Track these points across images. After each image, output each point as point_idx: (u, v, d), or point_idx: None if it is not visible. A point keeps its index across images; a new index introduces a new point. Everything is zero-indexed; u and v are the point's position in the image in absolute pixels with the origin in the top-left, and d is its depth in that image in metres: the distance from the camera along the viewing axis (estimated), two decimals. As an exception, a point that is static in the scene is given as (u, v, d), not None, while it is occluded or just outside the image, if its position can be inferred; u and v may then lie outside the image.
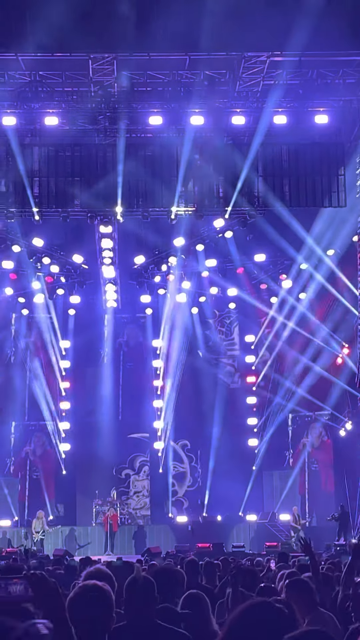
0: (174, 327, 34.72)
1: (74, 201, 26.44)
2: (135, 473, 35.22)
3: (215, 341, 36.22)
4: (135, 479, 35.20)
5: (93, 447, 34.89)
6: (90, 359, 35.95)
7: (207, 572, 11.46)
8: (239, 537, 31.58)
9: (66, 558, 20.95)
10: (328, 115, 25.67)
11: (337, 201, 26.44)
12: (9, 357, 35.27)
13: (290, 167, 26.42)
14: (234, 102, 25.59)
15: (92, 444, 34.91)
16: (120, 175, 25.78)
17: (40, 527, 30.65)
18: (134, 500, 34.95)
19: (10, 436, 35.07)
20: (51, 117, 25.40)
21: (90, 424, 35.32)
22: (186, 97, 25.20)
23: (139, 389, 35.54)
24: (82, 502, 34.44)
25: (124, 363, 36.02)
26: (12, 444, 35.02)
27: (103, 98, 25.45)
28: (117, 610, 6.10)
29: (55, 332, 34.82)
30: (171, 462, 34.62)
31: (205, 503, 33.89)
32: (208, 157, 26.27)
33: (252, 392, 35.36)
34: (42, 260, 30.75)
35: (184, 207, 26.77)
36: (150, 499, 35.06)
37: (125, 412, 35.58)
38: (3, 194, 26.37)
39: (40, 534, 30.46)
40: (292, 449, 34.97)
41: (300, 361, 33.75)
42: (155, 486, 34.80)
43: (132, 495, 34.97)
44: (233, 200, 26.29)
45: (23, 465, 34.70)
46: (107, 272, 31.56)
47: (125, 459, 35.20)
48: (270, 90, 25.16)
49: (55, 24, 21.98)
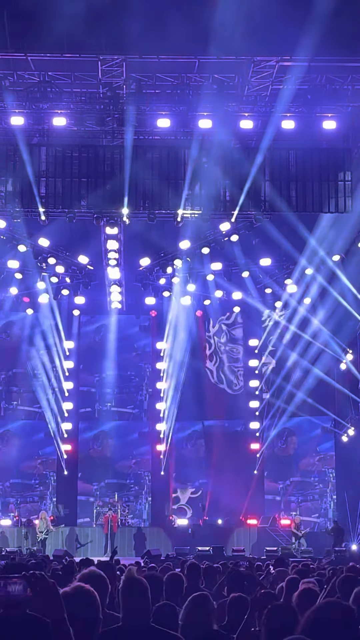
0: (178, 329, 34.71)
1: (81, 202, 26.46)
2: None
3: (219, 345, 36.19)
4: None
5: (95, 448, 34.95)
6: (94, 360, 35.95)
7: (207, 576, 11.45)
8: (239, 541, 31.52)
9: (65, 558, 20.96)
10: (336, 121, 25.71)
11: (343, 206, 26.43)
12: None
13: (298, 171, 26.43)
14: (243, 106, 25.63)
15: (93, 445, 34.97)
16: (127, 177, 25.80)
17: (45, 527, 30.66)
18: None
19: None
20: (59, 117, 25.45)
21: (92, 424, 35.38)
22: (194, 100, 25.25)
23: (142, 391, 35.53)
24: (83, 503, 34.48)
25: (127, 364, 36.00)
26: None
27: (111, 100, 25.49)
28: (111, 612, 6.11)
29: (59, 333, 34.83)
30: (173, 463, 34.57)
31: (206, 506, 33.87)
32: (215, 161, 26.27)
33: (254, 396, 35.34)
34: (48, 260, 30.74)
35: (190, 209, 26.78)
36: (151, 501, 35.04)
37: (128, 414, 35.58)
38: (10, 194, 26.39)
39: (44, 533, 30.47)
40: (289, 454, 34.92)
41: (303, 366, 33.75)
42: (156, 489, 34.77)
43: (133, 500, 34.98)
44: (240, 204, 26.29)
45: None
46: (112, 274, 31.58)
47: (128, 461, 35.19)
48: (278, 95, 25.20)
49: (66, 25, 22.04)
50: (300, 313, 33.25)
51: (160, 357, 35.39)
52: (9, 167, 26.25)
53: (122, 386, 35.82)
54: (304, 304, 32.86)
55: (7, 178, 26.35)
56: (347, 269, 30.09)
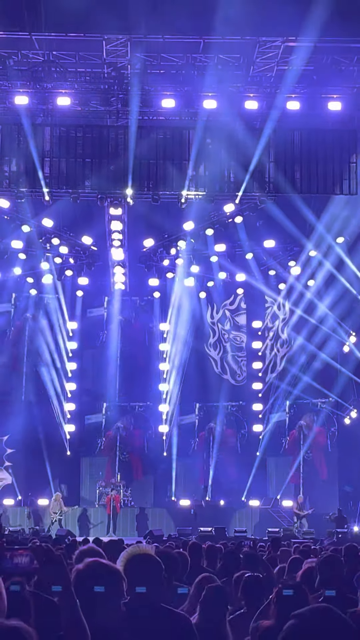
0: (182, 311, 34.71)
1: (85, 182, 26.41)
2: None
3: (223, 332, 36.18)
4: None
5: (98, 429, 35.04)
6: (97, 341, 35.98)
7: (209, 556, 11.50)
8: (242, 522, 31.61)
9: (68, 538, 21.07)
10: (341, 102, 25.60)
11: (348, 189, 26.36)
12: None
13: (302, 153, 26.34)
14: (248, 86, 25.52)
15: (96, 426, 35.08)
16: (131, 157, 25.73)
17: (58, 508, 30.82)
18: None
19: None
20: (64, 97, 25.37)
21: (95, 405, 35.46)
22: (199, 80, 25.15)
23: (145, 372, 35.56)
24: (86, 484, 34.58)
25: (130, 345, 36.01)
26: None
27: (116, 79, 25.41)
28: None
29: (62, 313, 34.84)
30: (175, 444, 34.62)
31: (208, 487, 33.97)
32: (220, 142, 26.18)
33: (258, 377, 35.36)
34: (52, 241, 30.71)
35: (195, 191, 26.71)
36: (153, 482, 35.13)
37: (132, 395, 35.64)
38: (14, 174, 26.34)
39: (58, 514, 30.64)
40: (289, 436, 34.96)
41: (306, 348, 33.75)
42: (159, 469, 34.84)
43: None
44: (244, 186, 26.23)
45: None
46: (116, 255, 31.53)
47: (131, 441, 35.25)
48: (284, 76, 25.10)
49: (70, 4, 21.93)
50: (304, 295, 33.22)
51: (163, 339, 35.41)
52: (13, 147, 26.17)
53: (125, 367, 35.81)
54: (309, 286, 32.83)
55: (11, 158, 26.28)
56: (353, 251, 30.02)
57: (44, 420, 33.58)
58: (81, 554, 5.86)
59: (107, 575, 4.55)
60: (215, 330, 36.21)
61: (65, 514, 31.07)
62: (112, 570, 4.65)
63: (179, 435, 34.82)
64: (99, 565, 4.66)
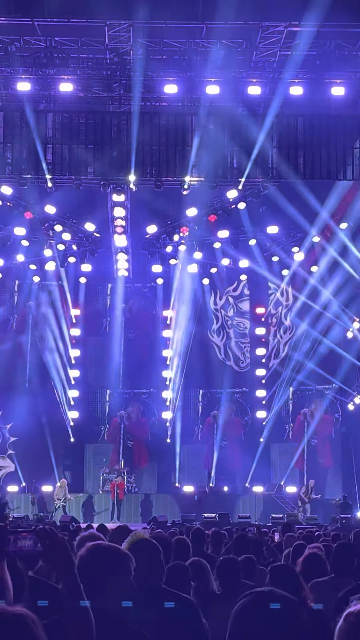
0: (184, 297, 34.69)
1: (87, 169, 26.34)
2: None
3: (226, 312, 36.17)
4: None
5: (102, 415, 35.10)
6: (100, 328, 36.00)
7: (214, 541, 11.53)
8: (245, 508, 31.68)
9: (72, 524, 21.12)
10: (345, 87, 25.47)
11: (352, 174, 26.28)
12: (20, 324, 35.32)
13: (306, 138, 26.21)
14: (250, 72, 25.41)
15: (100, 412, 35.13)
16: (134, 143, 25.64)
17: (63, 494, 30.92)
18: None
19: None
20: (66, 83, 25.29)
21: (99, 392, 35.50)
22: (202, 66, 25.03)
23: (149, 359, 35.59)
24: (90, 470, 34.65)
25: (133, 332, 36.02)
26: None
27: (118, 65, 25.32)
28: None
29: (66, 300, 34.84)
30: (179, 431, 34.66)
31: (212, 474, 34.02)
32: (222, 127, 26.08)
33: (261, 364, 35.37)
34: (54, 227, 30.69)
35: (197, 177, 26.64)
36: (157, 468, 35.20)
37: (135, 382, 35.67)
38: (16, 160, 26.28)
39: (62, 501, 30.72)
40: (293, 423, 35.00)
41: (310, 334, 33.75)
42: (163, 455, 34.89)
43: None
44: (247, 171, 26.13)
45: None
46: (119, 241, 31.50)
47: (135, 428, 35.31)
48: (287, 61, 24.96)
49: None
50: (308, 282, 33.23)
51: (166, 325, 35.41)
52: (15, 133, 26.09)
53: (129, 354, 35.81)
54: (312, 272, 32.82)
55: (13, 144, 26.20)
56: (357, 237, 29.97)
57: (47, 408, 33.64)
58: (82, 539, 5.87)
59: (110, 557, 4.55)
60: (219, 316, 36.20)
61: (69, 502, 31.16)
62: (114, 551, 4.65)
63: (182, 422, 34.86)
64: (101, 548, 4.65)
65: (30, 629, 2.95)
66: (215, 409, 35.10)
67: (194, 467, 35.05)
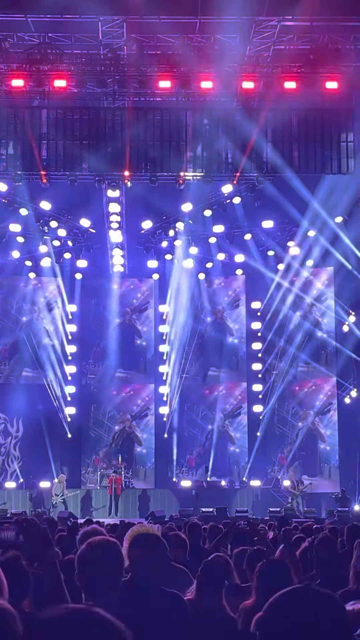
0: (181, 292, 34.70)
1: (82, 165, 26.37)
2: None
3: (222, 307, 36.17)
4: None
5: (99, 411, 35.09)
6: (96, 323, 35.99)
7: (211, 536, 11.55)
8: (243, 502, 31.71)
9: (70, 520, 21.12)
10: (338, 81, 25.46)
11: (345, 167, 26.30)
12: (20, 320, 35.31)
13: (300, 133, 26.26)
14: (244, 66, 25.40)
15: (97, 408, 35.12)
16: (128, 139, 25.66)
17: (61, 490, 30.93)
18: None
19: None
20: (60, 79, 25.25)
21: (95, 388, 35.49)
22: (196, 61, 25.02)
23: (146, 354, 35.61)
24: (87, 466, 34.66)
25: (130, 327, 36.01)
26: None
27: (112, 61, 25.29)
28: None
29: (61, 296, 34.84)
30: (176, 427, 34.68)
31: (209, 468, 34.05)
32: (217, 122, 26.12)
33: (257, 358, 35.39)
34: (50, 223, 30.69)
35: (192, 172, 26.67)
36: (155, 463, 35.21)
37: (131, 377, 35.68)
38: (11, 157, 26.29)
39: (60, 496, 30.73)
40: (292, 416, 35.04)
41: (305, 328, 33.80)
42: (160, 450, 34.91)
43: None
44: (241, 166, 26.17)
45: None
46: (114, 237, 31.51)
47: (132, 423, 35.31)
48: (280, 55, 24.97)
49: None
50: (303, 275, 33.28)
51: (162, 320, 35.42)
52: (9, 129, 26.11)
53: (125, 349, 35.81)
54: (307, 266, 32.87)
55: (7, 141, 26.23)
56: (350, 230, 29.99)
57: (44, 403, 33.62)
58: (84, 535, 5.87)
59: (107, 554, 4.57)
60: (214, 311, 36.18)
61: (66, 497, 31.17)
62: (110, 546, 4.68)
63: (179, 416, 34.89)
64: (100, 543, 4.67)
65: (6, 622, 2.92)
66: (212, 405, 35.11)
67: (191, 461, 35.05)
